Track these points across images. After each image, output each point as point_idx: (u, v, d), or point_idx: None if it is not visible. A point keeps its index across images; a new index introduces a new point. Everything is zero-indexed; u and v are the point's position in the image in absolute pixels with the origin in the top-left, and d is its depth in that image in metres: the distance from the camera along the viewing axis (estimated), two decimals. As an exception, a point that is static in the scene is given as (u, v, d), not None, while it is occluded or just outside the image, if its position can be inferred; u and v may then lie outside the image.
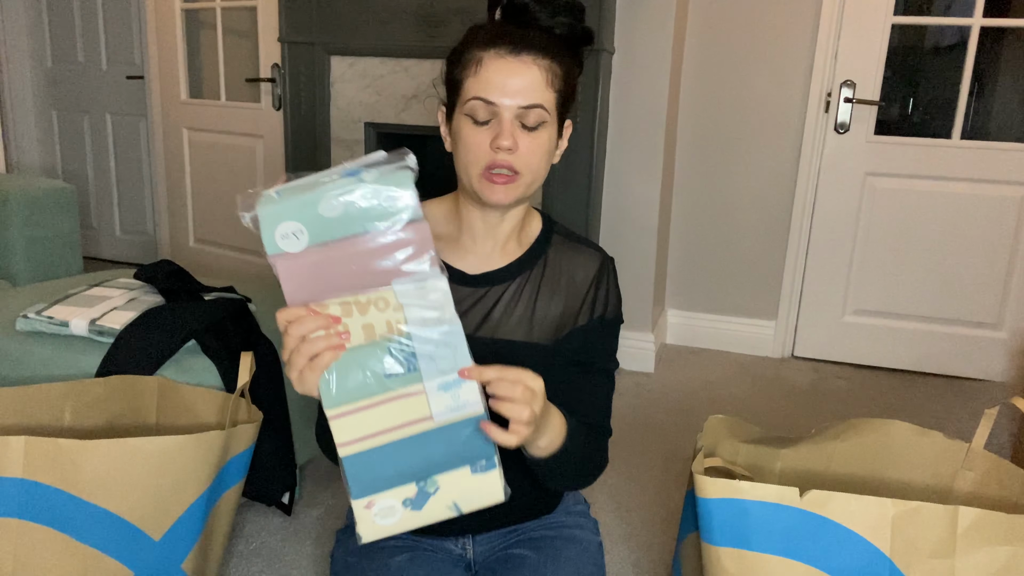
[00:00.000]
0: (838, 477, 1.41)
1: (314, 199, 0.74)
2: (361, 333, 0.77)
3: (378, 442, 0.80)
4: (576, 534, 1.15)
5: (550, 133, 0.97)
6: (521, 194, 0.98)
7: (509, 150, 0.94)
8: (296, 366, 0.78)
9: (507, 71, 0.93)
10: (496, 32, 0.95)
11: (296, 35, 2.76)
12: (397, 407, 0.80)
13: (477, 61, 0.94)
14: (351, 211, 0.75)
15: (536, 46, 0.94)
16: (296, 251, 0.75)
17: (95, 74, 3.88)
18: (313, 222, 0.74)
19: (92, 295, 1.70)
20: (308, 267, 0.75)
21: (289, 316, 0.78)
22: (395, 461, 0.81)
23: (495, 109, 0.93)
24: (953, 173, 2.71)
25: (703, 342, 3.09)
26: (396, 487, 0.83)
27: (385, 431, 0.80)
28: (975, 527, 1.01)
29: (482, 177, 0.96)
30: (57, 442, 1.10)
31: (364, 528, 0.83)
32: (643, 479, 2.00)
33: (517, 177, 0.96)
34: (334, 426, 0.79)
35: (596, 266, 1.09)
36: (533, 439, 0.90)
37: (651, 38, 2.56)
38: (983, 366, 2.83)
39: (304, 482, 1.90)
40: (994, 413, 1.25)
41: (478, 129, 0.95)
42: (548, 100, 0.95)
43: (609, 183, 2.70)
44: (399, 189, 0.77)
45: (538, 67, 0.94)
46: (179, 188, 3.68)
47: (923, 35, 3.19)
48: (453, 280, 1.05)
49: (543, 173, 1.00)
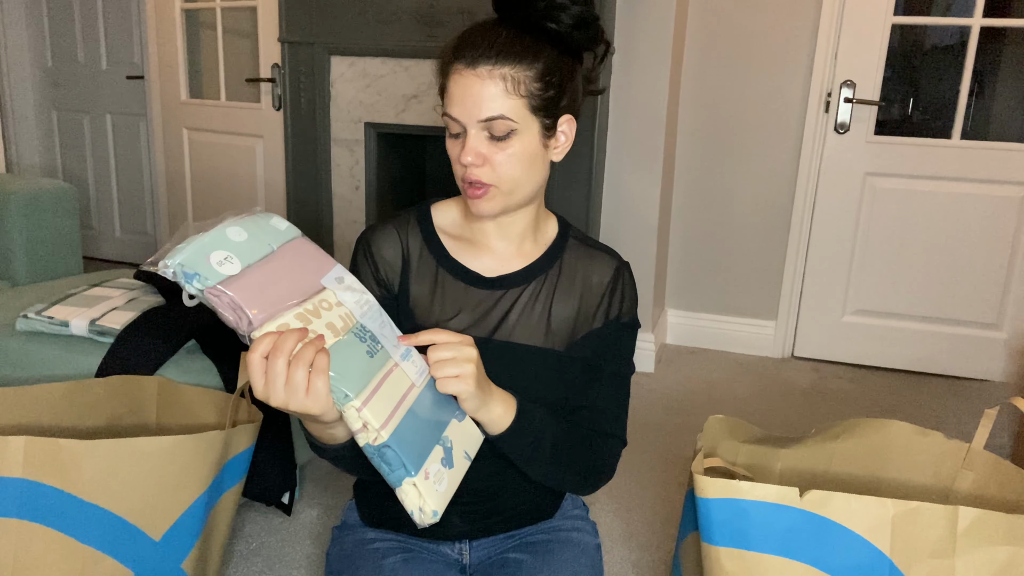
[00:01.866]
0: (838, 477, 1.41)
1: (219, 232, 0.79)
2: (328, 332, 0.79)
3: (400, 415, 0.82)
4: (573, 536, 1.14)
5: (526, 139, 0.95)
6: (504, 204, 0.98)
7: (474, 165, 0.94)
8: (300, 385, 0.75)
9: (464, 85, 0.93)
10: (459, 43, 0.95)
11: (296, 35, 2.76)
12: (391, 382, 0.83)
13: (446, 74, 0.95)
14: (253, 235, 0.81)
15: (494, 54, 0.92)
16: (237, 272, 0.76)
17: (95, 74, 3.88)
18: (232, 248, 0.78)
19: (92, 295, 1.70)
20: (254, 285, 0.77)
21: (262, 349, 0.74)
22: (418, 428, 0.84)
23: (461, 123, 0.94)
24: (953, 173, 2.71)
25: (703, 342, 3.09)
26: (432, 451, 0.85)
27: (398, 404, 0.82)
28: (975, 527, 1.01)
29: (463, 189, 0.98)
30: (57, 442, 1.10)
31: (433, 501, 0.83)
32: (643, 479, 2.00)
33: (490, 189, 0.96)
34: (368, 413, 0.78)
35: (612, 270, 1.08)
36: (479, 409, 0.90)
37: (651, 38, 2.56)
38: (983, 366, 2.83)
39: (304, 482, 1.90)
40: (994, 413, 1.25)
41: (454, 142, 0.97)
42: (511, 108, 0.93)
43: (609, 183, 2.71)
44: (273, 218, 0.86)
45: (496, 77, 0.92)
46: (179, 188, 3.68)
47: (923, 35, 3.19)
48: (470, 282, 1.04)
49: (529, 179, 0.98)
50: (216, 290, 0.74)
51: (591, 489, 1.10)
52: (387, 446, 0.79)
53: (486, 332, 1.02)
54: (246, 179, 3.38)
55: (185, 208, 3.68)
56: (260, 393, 0.76)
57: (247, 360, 0.75)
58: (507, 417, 0.94)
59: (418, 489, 0.82)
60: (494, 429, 0.94)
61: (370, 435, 0.79)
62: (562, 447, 1.01)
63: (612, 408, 1.09)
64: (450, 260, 1.05)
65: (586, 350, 1.07)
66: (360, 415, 0.78)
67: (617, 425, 1.10)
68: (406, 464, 0.81)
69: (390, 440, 0.79)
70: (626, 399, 1.11)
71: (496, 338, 1.03)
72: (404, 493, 0.82)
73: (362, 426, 0.79)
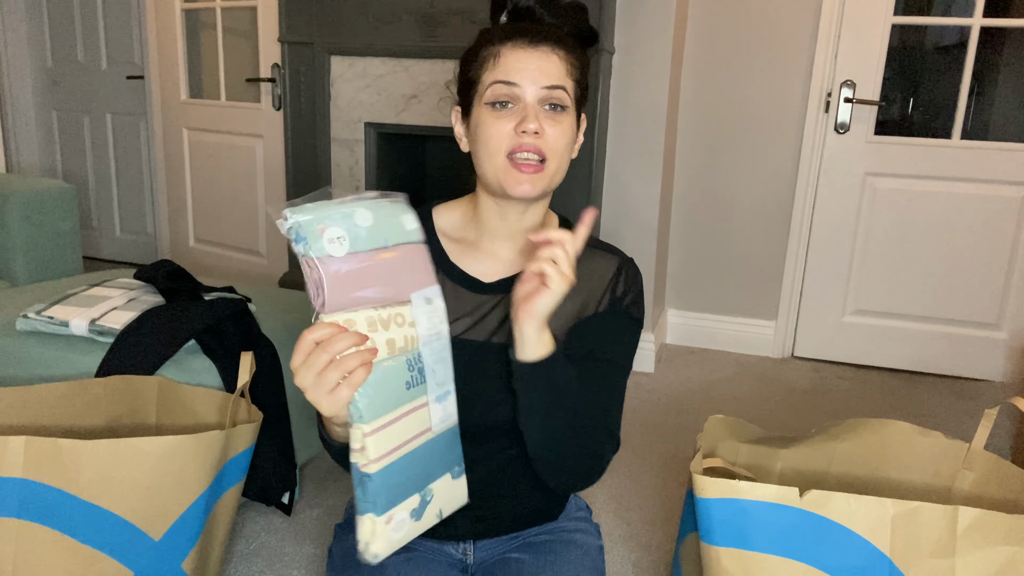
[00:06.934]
0: (838, 477, 1.41)
1: (349, 210, 0.78)
2: (385, 348, 0.79)
3: (399, 455, 0.81)
4: (576, 537, 1.14)
5: (572, 120, 0.97)
6: (546, 185, 0.97)
7: (536, 133, 0.93)
8: (328, 384, 0.75)
9: (527, 58, 0.93)
10: (512, 28, 0.96)
11: (296, 35, 2.76)
12: (411, 419, 0.82)
13: (495, 55, 0.94)
14: (376, 224, 0.80)
15: (553, 38, 0.95)
16: (340, 255, 0.76)
17: (95, 74, 3.88)
18: (351, 230, 0.78)
19: (92, 295, 1.70)
20: (347, 274, 0.77)
21: (318, 336, 0.75)
22: (409, 473, 0.83)
23: (518, 92, 0.93)
24: (953, 173, 2.71)
25: (703, 342, 3.09)
26: (408, 498, 0.84)
27: (404, 443, 0.82)
28: (975, 527, 1.01)
29: (508, 166, 0.94)
30: (57, 442, 1.10)
31: (380, 545, 0.82)
32: (643, 479, 2.00)
33: (544, 165, 0.95)
34: (370, 442, 0.78)
35: (614, 267, 1.07)
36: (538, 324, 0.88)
37: (651, 38, 2.56)
38: (983, 366, 2.83)
39: (304, 482, 1.90)
40: (994, 413, 1.25)
41: (500, 114, 0.94)
42: (569, 86, 0.96)
43: (609, 183, 2.71)
44: (406, 214, 0.85)
45: (557, 56, 0.94)
46: (179, 188, 3.68)
47: (923, 35, 3.19)
48: (469, 287, 1.03)
49: (566, 163, 0.99)
50: (312, 261, 0.75)
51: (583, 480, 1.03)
52: (370, 478, 0.79)
53: (484, 335, 1.02)
54: (246, 179, 3.39)
55: (185, 208, 3.69)
56: (294, 367, 0.77)
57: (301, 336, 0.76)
58: (550, 345, 0.90)
59: (374, 527, 0.81)
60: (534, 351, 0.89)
61: (361, 460, 0.79)
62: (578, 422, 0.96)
63: (603, 397, 1.01)
64: (449, 264, 1.04)
65: (584, 338, 1.03)
66: (363, 440, 0.78)
67: (608, 417, 1.02)
68: (376, 502, 0.81)
69: (376, 475, 0.79)
70: (620, 393, 1.05)
71: (494, 341, 1.02)
72: (361, 523, 0.81)
73: (360, 448, 0.79)
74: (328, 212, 0.77)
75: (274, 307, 1.86)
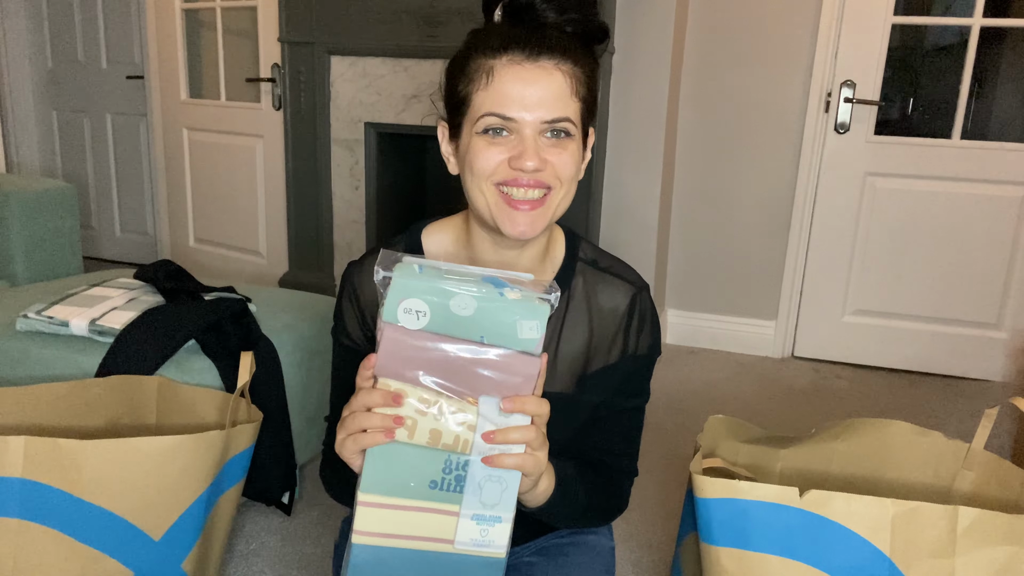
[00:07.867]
0: (838, 477, 1.41)
1: (451, 291, 0.72)
2: (427, 435, 0.73)
3: (394, 544, 0.76)
4: (588, 539, 1.12)
5: (578, 144, 0.85)
6: (548, 221, 0.85)
7: (537, 170, 0.81)
8: (346, 429, 0.72)
9: (525, 80, 0.80)
10: (506, 34, 0.81)
11: (296, 35, 2.76)
12: (425, 519, 0.76)
13: (487, 71, 0.81)
14: (479, 319, 0.73)
15: (556, 48, 0.81)
16: (411, 328, 0.72)
17: (95, 74, 3.88)
18: (439, 310, 0.72)
19: (92, 295, 1.70)
20: (412, 348, 0.72)
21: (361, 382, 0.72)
22: (402, 570, 0.78)
23: (514, 126, 0.81)
24: (953, 173, 2.71)
25: (703, 342, 3.09)
26: None
27: (405, 537, 0.76)
28: (975, 527, 1.01)
29: (501, 202, 0.83)
30: (57, 442, 1.10)
31: None
32: (643, 479, 2.00)
33: (546, 199, 0.83)
34: (359, 511, 0.74)
35: (628, 298, 0.96)
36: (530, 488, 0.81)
37: (651, 38, 2.56)
38: (983, 366, 2.83)
39: (304, 482, 1.90)
40: (994, 413, 1.25)
41: (494, 141, 0.82)
42: (574, 112, 0.82)
43: (609, 182, 2.71)
44: (533, 320, 0.74)
45: (561, 73, 0.81)
46: (179, 188, 3.68)
47: (923, 35, 3.20)
48: None
49: (574, 189, 0.86)
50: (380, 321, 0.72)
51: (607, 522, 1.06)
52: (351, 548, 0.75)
53: None
54: (246, 179, 3.39)
55: (185, 208, 3.69)
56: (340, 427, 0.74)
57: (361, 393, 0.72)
58: (550, 489, 0.84)
59: None
60: (535, 502, 0.85)
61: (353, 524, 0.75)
62: (592, 501, 0.96)
63: (621, 442, 1.01)
64: None
65: (599, 389, 0.97)
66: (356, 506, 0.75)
67: (627, 459, 1.03)
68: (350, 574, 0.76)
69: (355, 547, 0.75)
70: (638, 430, 1.02)
71: None
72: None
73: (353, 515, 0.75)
74: (423, 283, 0.72)
75: (274, 307, 1.86)
